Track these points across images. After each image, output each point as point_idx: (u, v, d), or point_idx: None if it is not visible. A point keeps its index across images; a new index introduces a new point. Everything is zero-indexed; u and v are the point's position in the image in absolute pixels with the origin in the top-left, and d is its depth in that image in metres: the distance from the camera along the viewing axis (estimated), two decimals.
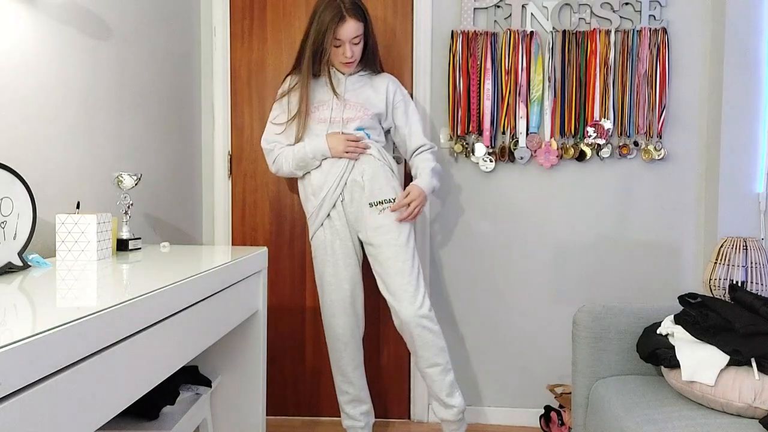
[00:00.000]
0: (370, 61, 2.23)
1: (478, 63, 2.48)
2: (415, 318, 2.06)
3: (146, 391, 1.08)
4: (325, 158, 2.15)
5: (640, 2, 2.45)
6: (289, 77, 2.25)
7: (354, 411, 2.30)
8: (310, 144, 2.14)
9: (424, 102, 2.54)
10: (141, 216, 2.09)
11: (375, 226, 2.13)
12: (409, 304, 2.06)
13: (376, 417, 2.58)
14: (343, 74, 2.21)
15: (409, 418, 2.65)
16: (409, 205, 2.11)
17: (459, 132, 2.51)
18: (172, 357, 1.19)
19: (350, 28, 2.06)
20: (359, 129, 2.18)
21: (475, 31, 2.48)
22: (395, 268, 2.09)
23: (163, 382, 1.19)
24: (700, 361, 1.46)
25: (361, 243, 2.22)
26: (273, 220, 2.66)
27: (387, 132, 2.32)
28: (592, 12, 2.47)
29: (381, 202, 2.14)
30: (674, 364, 1.52)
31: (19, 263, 1.32)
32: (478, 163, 2.53)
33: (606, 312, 1.79)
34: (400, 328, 2.13)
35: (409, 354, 2.62)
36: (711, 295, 1.94)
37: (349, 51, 2.11)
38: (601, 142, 2.47)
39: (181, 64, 2.43)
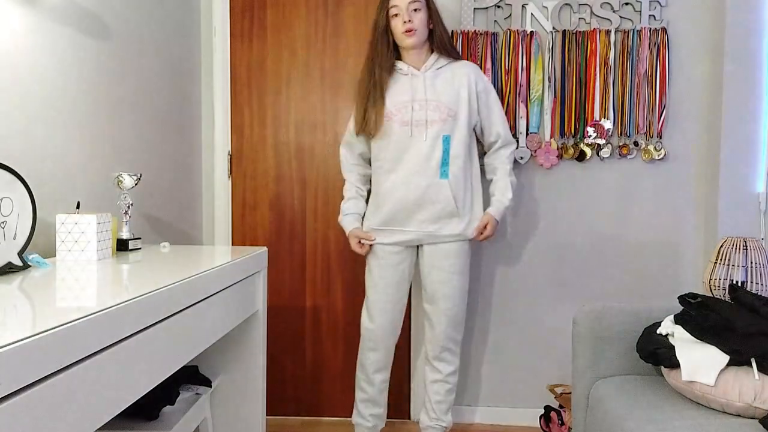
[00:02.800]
0: (441, 44, 2.14)
1: (478, 63, 2.47)
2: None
3: (146, 391, 1.08)
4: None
5: (640, 2, 2.45)
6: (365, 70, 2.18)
7: (365, 411, 2.30)
8: (345, 217, 2.22)
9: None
10: (141, 216, 2.09)
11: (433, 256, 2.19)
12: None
13: None
14: (418, 70, 2.12)
15: (409, 418, 2.65)
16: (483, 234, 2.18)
17: None
18: (172, 357, 1.19)
19: None
20: (445, 137, 2.08)
21: (475, 31, 2.48)
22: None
23: (163, 382, 1.19)
24: (700, 361, 1.46)
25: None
26: (273, 220, 2.66)
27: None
28: (592, 12, 2.47)
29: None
30: (674, 364, 1.52)
31: (19, 263, 1.32)
32: None
33: (606, 312, 1.79)
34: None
35: (409, 354, 2.62)
36: (711, 295, 1.94)
37: (406, 16, 2.03)
38: (601, 142, 2.47)
39: (181, 64, 2.43)
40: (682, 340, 1.54)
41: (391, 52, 2.13)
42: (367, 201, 2.28)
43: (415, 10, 2.05)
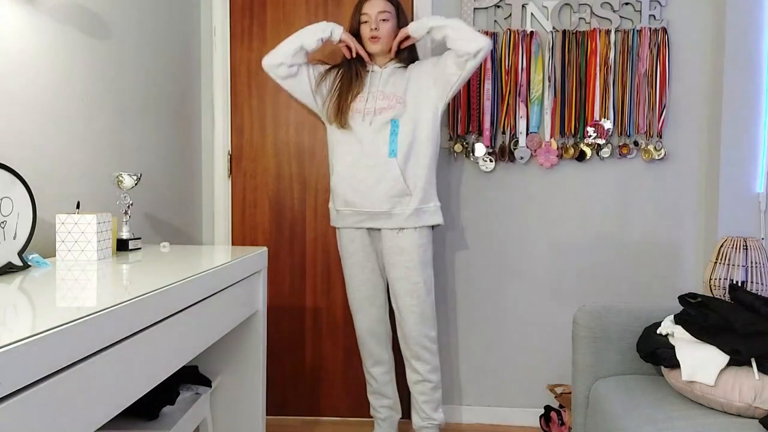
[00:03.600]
0: (411, 53, 2.25)
1: None
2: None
3: (146, 391, 1.08)
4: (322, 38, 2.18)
5: (640, 2, 2.45)
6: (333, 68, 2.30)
7: (375, 402, 2.38)
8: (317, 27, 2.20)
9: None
10: (141, 216, 2.09)
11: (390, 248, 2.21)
12: (414, 324, 2.19)
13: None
14: (379, 67, 2.22)
15: (409, 418, 2.65)
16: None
17: (459, 132, 2.51)
18: (172, 357, 1.19)
19: (376, 4, 2.16)
20: (393, 120, 2.15)
21: None
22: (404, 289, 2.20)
23: (163, 382, 1.19)
24: (700, 361, 1.46)
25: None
26: (273, 220, 2.66)
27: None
28: (592, 12, 2.47)
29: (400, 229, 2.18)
30: (674, 364, 1.52)
31: (19, 263, 1.31)
32: (478, 163, 2.53)
33: (606, 312, 1.79)
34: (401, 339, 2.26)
35: None
36: (711, 295, 1.93)
37: (374, 24, 2.15)
38: (601, 142, 2.47)
39: (181, 64, 2.43)
40: (682, 340, 1.54)
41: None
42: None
43: (384, 20, 2.16)
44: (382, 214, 2.16)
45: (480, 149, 2.50)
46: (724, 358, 1.43)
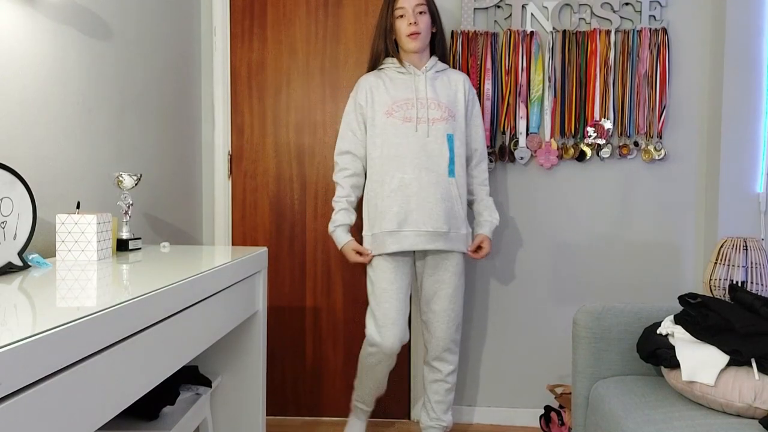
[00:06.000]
0: (441, 48, 2.18)
1: (478, 63, 2.48)
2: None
3: (146, 391, 1.08)
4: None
5: (640, 2, 2.45)
6: (362, 78, 2.17)
7: (370, 399, 2.35)
8: (336, 228, 2.14)
9: None
10: (141, 216, 2.09)
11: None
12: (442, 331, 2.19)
13: (376, 417, 2.60)
14: (419, 70, 2.11)
15: (409, 418, 2.65)
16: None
17: None
18: (172, 357, 1.19)
19: None
20: (449, 135, 2.08)
21: (475, 32, 2.48)
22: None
23: (163, 382, 1.19)
24: (700, 361, 1.46)
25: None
26: (273, 220, 2.66)
27: None
28: (592, 12, 2.47)
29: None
30: (674, 364, 1.52)
31: (19, 263, 1.32)
32: None
33: (606, 312, 1.79)
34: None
35: (409, 355, 2.62)
36: (711, 295, 1.93)
37: (412, 18, 2.03)
38: (601, 142, 2.47)
39: (181, 64, 2.43)
40: (682, 340, 1.54)
41: (393, 52, 2.13)
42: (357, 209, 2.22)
43: (421, 12, 2.06)
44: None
45: None
46: (724, 359, 1.43)
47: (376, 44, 2.14)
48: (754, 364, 1.41)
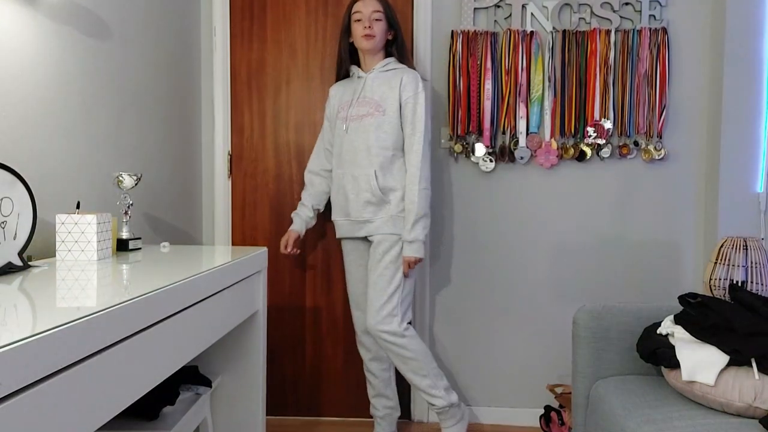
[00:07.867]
0: (400, 51, 2.26)
1: (478, 63, 2.48)
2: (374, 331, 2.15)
3: (146, 391, 1.08)
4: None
5: (640, 2, 2.45)
6: (330, 89, 2.38)
7: (376, 403, 2.38)
8: (298, 215, 2.40)
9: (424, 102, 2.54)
10: (141, 216, 2.09)
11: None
12: (371, 317, 2.15)
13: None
14: (365, 71, 2.26)
15: (409, 418, 2.65)
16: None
17: (459, 132, 2.51)
18: (172, 357, 1.19)
19: (370, 3, 2.19)
20: (375, 129, 2.17)
21: (475, 31, 2.48)
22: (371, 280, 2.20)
23: (163, 382, 1.19)
24: (700, 361, 1.46)
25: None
26: (273, 220, 2.66)
27: None
28: (592, 12, 2.47)
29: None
30: (674, 364, 1.52)
31: (19, 263, 1.32)
32: (478, 163, 2.53)
33: (606, 312, 1.79)
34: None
35: None
36: (711, 295, 1.93)
37: (368, 23, 2.18)
38: (601, 142, 2.47)
39: (181, 64, 2.43)
40: (682, 340, 1.54)
41: (347, 53, 2.29)
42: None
43: (377, 19, 2.20)
44: None
45: (480, 149, 2.50)
46: (724, 358, 1.43)
47: (339, 42, 2.30)
48: (754, 364, 1.40)
